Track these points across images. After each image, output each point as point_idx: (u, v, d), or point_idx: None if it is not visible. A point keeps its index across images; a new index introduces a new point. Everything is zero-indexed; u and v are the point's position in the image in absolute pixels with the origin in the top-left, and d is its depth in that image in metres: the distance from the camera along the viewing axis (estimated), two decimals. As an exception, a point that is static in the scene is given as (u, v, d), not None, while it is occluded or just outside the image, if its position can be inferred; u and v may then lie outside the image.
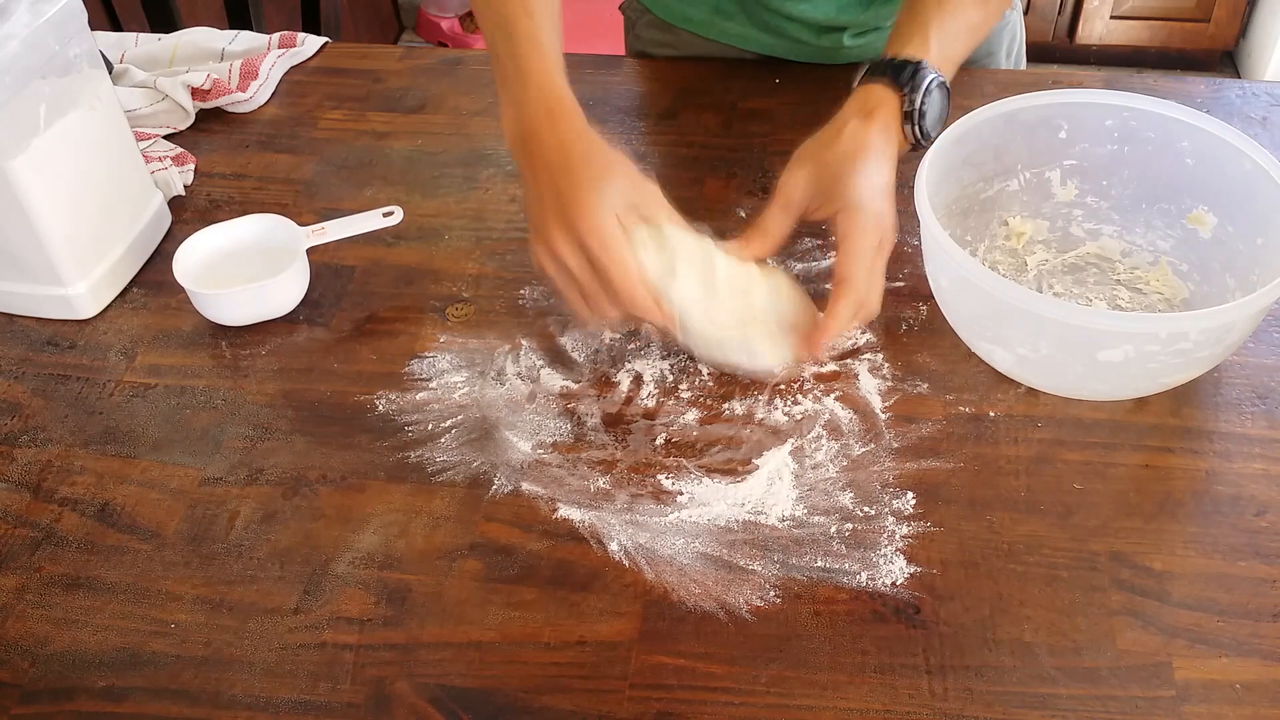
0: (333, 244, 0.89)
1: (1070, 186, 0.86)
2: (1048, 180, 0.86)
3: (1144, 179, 0.84)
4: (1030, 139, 0.83)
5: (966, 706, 0.62)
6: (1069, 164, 0.85)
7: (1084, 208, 0.87)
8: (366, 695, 0.64)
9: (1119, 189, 0.85)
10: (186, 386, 0.83)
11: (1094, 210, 0.87)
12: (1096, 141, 0.83)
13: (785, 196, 0.78)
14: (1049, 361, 0.73)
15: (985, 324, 0.76)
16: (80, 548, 0.72)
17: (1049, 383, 0.77)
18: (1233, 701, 0.62)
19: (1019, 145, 0.84)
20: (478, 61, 1.14)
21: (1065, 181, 0.86)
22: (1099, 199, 0.86)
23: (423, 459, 0.76)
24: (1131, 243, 0.86)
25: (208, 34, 1.16)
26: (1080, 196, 0.86)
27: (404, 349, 0.84)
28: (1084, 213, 0.87)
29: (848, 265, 0.75)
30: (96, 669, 0.66)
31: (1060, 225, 0.87)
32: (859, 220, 0.75)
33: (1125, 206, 0.86)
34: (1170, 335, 0.67)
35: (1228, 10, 2.63)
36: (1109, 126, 0.83)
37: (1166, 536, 0.70)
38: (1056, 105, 0.82)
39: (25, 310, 0.89)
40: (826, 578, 0.68)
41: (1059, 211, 0.87)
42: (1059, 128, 0.83)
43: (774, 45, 1.07)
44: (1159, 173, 0.83)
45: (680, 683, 0.64)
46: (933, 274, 0.79)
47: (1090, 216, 0.87)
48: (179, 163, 1.00)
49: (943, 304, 0.79)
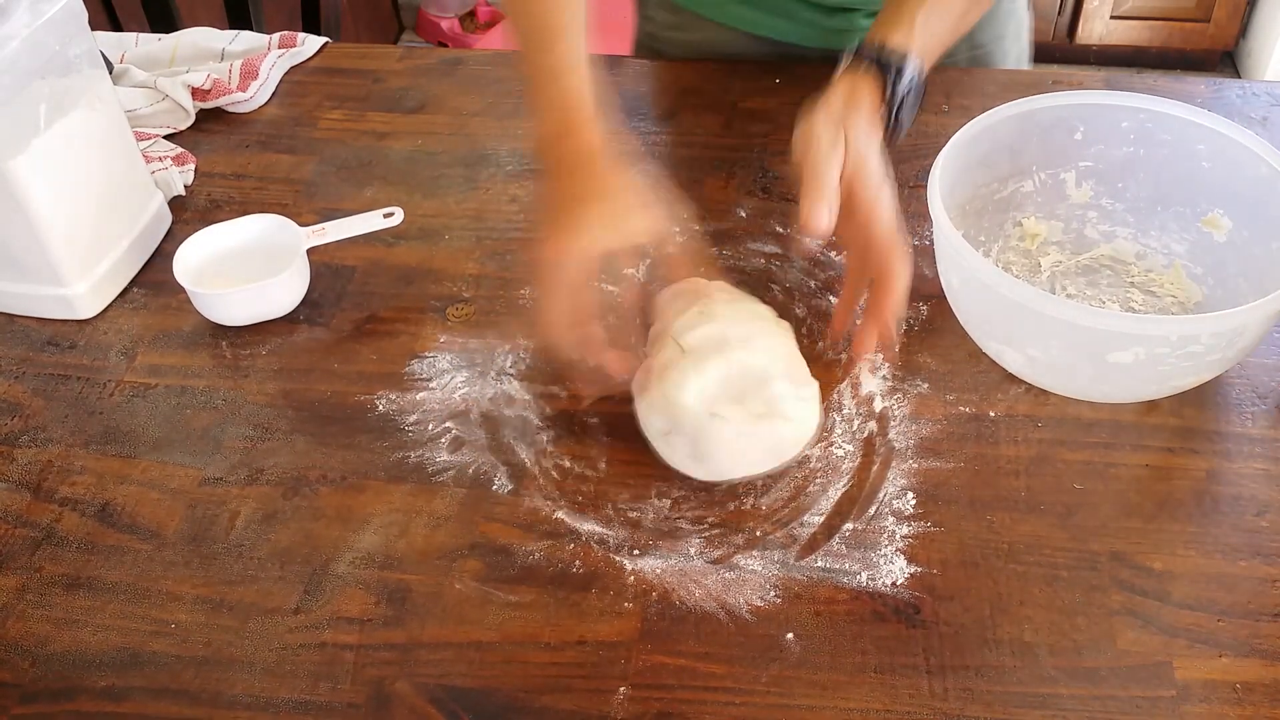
0: (333, 244, 0.89)
1: (1085, 188, 0.86)
2: (1062, 182, 0.86)
3: (1159, 182, 0.84)
4: (1045, 140, 0.83)
5: (966, 706, 0.62)
6: (1084, 165, 0.85)
7: (1099, 209, 0.87)
8: (367, 695, 0.64)
9: (1134, 191, 0.85)
10: (186, 386, 0.83)
11: (1109, 212, 0.86)
12: (1112, 144, 0.83)
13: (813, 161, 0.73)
14: (1059, 363, 0.73)
15: (996, 324, 0.76)
16: (80, 548, 0.72)
17: (1058, 384, 0.77)
18: (1233, 701, 0.62)
19: (1034, 146, 0.83)
20: (478, 61, 1.14)
21: (1080, 183, 0.86)
22: (1114, 201, 0.86)
23: (423, 459, 0.76)
24: (1146, 245, 0.86)
25: (208, 34, 1.16)
26: (1095, 198, 0.86)
27: (404, 349, 0.84)
28: (1099, 214, 0.87)
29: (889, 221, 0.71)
30: (97, 669, 0.66)
31: (1075, 227, 0.87)
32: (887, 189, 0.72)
33: (1140, 209, 0.85)
34: (1181, 338, 0.67)
35: (1228, 10, 2.63)
36: (1125, 129, 0.82)
37: (1167, 536, 0.70)
38: (1073, 106, 0.82)
39: (25, 310, 0.89)
40: (826, 578, 0.68)
41: (1073, 213, 0.87)
42: (1075, 129, 0.83)
43: (784, 29, 1.07)
44: (1175, 176, 0.83)
45: (680, 683, 0.64)
46: (944, 273, 0.78)
47: (1105, 219, 0.87)
48: (179, 163, 1.00)
49: (954, 303, 0.79)
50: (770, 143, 1.00)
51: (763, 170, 0.97)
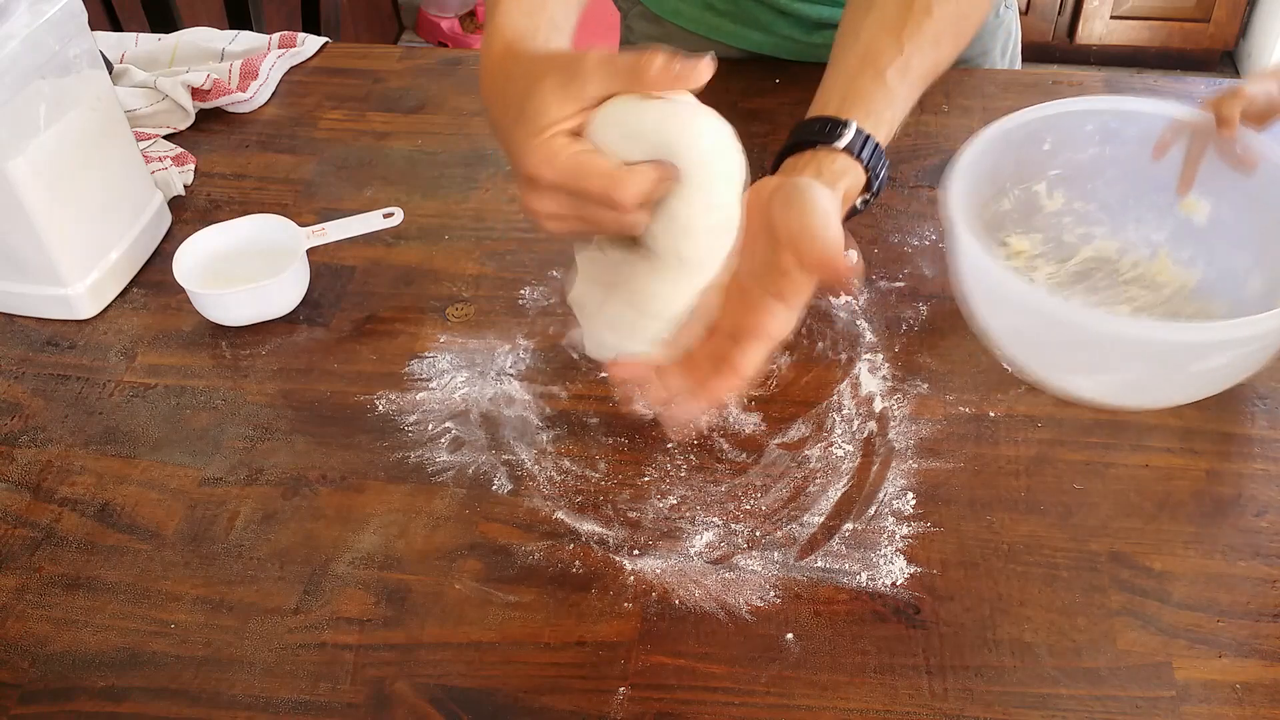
0: (333, 244, 0.89)
1: (1057, 196, 0.86)
2: (1035, 194, 0.86)
3: (1129, 177, 0.84)
4: (1019, 156, 0.83)
5: (966, 706, 0.62)
6: (1054, 174, 0.85)
7: (1072, 214, 0.86)
8: (366, 695, 0.64)
9: (1105, 190, 0.85)
10: (186, 386, 0.83)
11: (1082, 215, 0.86)
12: (1078, 148, 0.83)
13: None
14: (1142, 381, 0.72)
15: (1063, 355, 0.73)
16: (80, 548, 0.72)
17: (1132, 401, 0.75)
18: (1233, 701, 0.62)
19: (1009, 164, 0.83)
20: (478, 62, 1.13)
21: (1051, 192, 0.85)
22: (1086, 203, 0.86)
23: (423, 459, 0.76)
24: (1126, 240, 0.86)
25: (208, 34, 1.16)
26: (1068, 203, 0.86)
27: (404, 349, 0.84)
28: (1073, 219, 0.86)
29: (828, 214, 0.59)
30: (96, 669, 0.66)
31: (1053, 235, 0.87)
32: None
33: (1113, 206, 0.85)
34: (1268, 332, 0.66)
35: (1228, 10, 2.64)
36: (1089, 131, 0.82)
37: (1166, 537, 0.70)
38: (1040, 120, 0.81)
39: (25, 310, 0.89)
40: (826, 578, 0.68)
41: (1049, 222, 0.86)
42: (1043, 140, 0.83)
43: (763, 43, 1.07)
44: (1143, 168, 0.82)
45: (680, 683, 0.64)
46: (987, 318, 0.74)
47: (1080, 221, 0.86)
48: (179, 163, 1.00)
49: (1003, 343, 0.75)
50: (770, 143, 0.99)
51: (763, 170, 0.97)
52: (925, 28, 0.71)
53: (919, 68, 0.71)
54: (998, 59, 1.11)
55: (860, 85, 0.69)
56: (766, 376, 0.80)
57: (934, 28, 0.71)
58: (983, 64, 1.10)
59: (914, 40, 0.70)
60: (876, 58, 0.70)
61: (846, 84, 0.70)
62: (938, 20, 0.71)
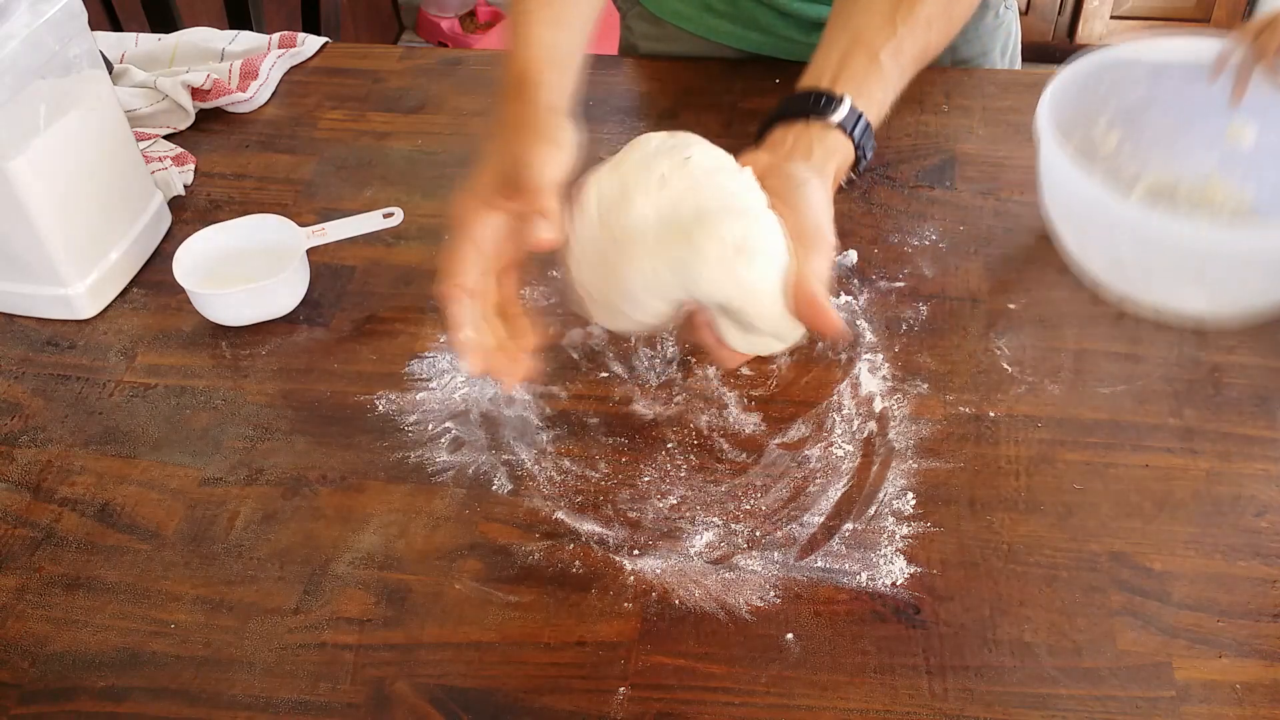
0: (333, 244, 0.89)
1: (1112, 137, 0.88)
2: (1091, 139, 0.88)
3: (1176, 109, 0.86)
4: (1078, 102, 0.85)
5: (966, 706, 0.62)
6: (1104, 119, 0.88)
7: (1125, 153, 0.89)
8: (366, 695, 0.64)
9: (1154, 126, 0.88)
10: (186, 386, 0.83)
11: (1134, 152, 0.89)
12: (1125, 90, 0.86)
13: None
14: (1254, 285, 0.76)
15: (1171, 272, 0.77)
16: (80, 548, 0.72)
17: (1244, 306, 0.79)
18: (1233, 702, 0.62)
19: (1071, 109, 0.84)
20: (478, 61, 1.14)
21: (1107, 133, 0.88)
22: (1137, 140, 0.88)
23: (423, 459, 0.76)
24: (1177, 171, 0.88)
25: (208, 34, 1.16)
26: (1120, 142, 0.88)
27: (404, 349, 0.84)
28: (1127, 155, 0.89)
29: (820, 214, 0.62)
30: (96, 669, 0.66)
31: (1110, 171, 0.89)
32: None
33: (1162, 140, 0.88)
34: None
35: (1228, 10, 2.63)
36: (1136, 75, 0.85)
37: (1166, 537, 0.70)
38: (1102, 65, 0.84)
39: (25, 310, 0.89)
40: (826, 578, 0.68)
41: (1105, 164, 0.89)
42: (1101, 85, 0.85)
43: (762, 43, 1.07)
44: (1189, 101, 0.85)
45: (680, 683, 0.64)
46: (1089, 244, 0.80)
47: (1133, 159, 0.89)
48: (179, 163, 1.00)
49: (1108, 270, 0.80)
50: (770, 143, 1.00)
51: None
52: (918, 10, 0.72)
53: (910, 50, 0.72)
54: (998, 59, 1.11)
55: (854, 63, 0.70)
56: (767, 376, 0.80)
57: (926, 11, 0.72)
58: (983, 64, 1.10)
59: (907, 22, 0.71)
60: (871, 38, 0.71)
61: (840, 61, 0.71)
62: (930, 4, 0.72)
